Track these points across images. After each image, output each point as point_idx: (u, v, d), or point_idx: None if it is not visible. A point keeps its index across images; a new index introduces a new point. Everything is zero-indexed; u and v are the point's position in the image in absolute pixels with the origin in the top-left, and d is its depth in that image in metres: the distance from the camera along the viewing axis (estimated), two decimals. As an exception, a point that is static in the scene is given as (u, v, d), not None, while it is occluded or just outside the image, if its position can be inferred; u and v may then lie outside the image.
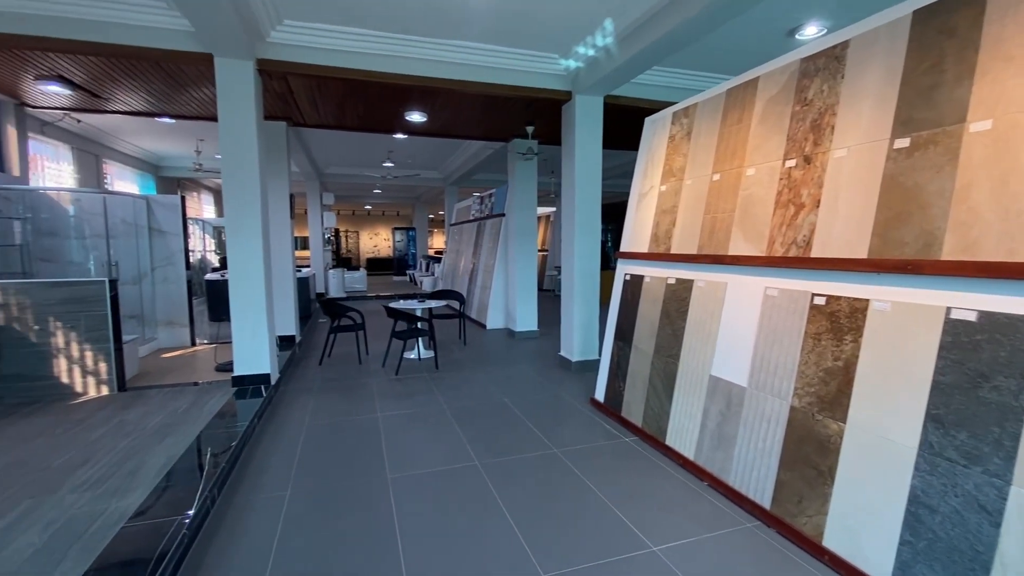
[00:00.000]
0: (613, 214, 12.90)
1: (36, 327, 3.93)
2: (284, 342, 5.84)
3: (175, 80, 4.50)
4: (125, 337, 4.37)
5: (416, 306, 5.64)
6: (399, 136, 7.29)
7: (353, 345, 6.13)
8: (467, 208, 10.33)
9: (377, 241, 22.82)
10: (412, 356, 5.65)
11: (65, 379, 4.01)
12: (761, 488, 2.38)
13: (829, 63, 2.39)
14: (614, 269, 4.01)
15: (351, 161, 10.53)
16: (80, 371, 4.05)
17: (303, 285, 7.83)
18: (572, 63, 4.70)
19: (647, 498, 2.59)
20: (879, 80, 2.13)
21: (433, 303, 5.88)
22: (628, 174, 10.65)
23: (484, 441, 3.32)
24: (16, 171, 5.34)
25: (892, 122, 2.05)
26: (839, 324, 2.14)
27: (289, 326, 6.00)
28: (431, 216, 21.78)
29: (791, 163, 2.49)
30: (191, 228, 6.83)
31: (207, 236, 8.65)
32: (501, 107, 5.33)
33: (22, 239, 5.05)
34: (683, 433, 2.97)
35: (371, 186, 13.53)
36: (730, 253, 2.78)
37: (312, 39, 4.14)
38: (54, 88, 4.62)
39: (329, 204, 12.13)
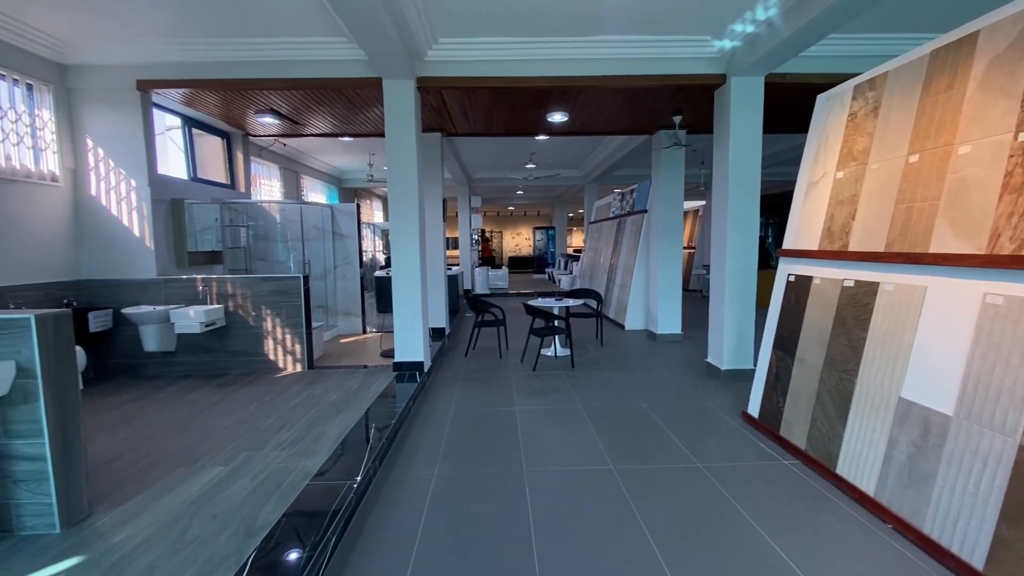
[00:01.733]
0: (774, 207, 11.55)
1: (253, 313, 4.89)
2: (435, 334, 6.39)
3: (353, 104, 5.21)
4: (314, 324, 5.20)
5: (554, 304, 5.72)
6: (541, 138, 7.46)
7: (495, 339, 6.45)
8: (607, 205, 10.15)
9: (519, 240, 23.70)
10: (549, 353, 5.74)
11: (272, 356, 4.93)
12: (971, 543, 1.91)
13: (1095, -1, 1.80)
14: (774, 268, 3.58)
15: (497, 165, 11.08)
16: (282, 351, 4.93)
17: (452, 282, 8.49)
18: (727, 43, 4.30)
19: (810, 533, 2.26)
20: None
21: (571, 302, 5.90)
22: (792, 161, 9.43)
23: (620, 445, 3.23)
24: (243, 188, 6.71)
25: None
26: (1105, 344, 1.61)
27: (440, 319, 6.55)
28: (570, 215, 21.90)
29: (1029, 135, 1.95)
30: (364, 231, 7.86)
31: (376, 238, 9.88)
32: (645, 99, 5.11)
33: (246, 242, 6.32)
34: (860, 463, 2.53)
35: (514, 188, 14.09)
36: (932, 251, 2.28)
37: (462, 53, 4.44)
38: (267, 119, 5.69)
39: (476, 206, 12.94)
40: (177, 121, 5.60)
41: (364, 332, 6.87)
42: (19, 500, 2.15)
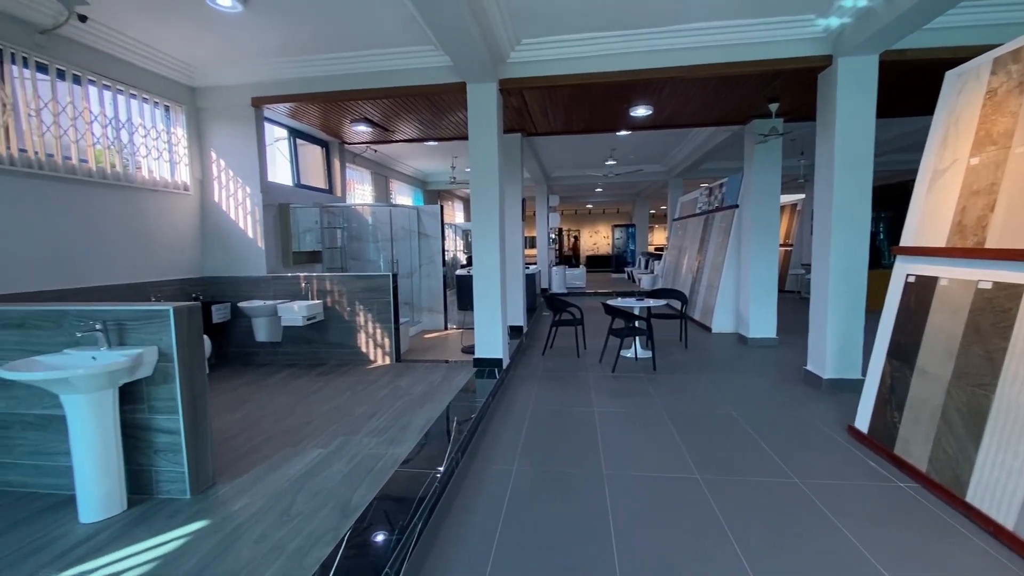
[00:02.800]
0: (888, 199, 10.36)
1: (348, 308, 5.26)
2: (513, 332, 6.47)
3: (438, 109, 5.42)
4: (401, 320, 5.48)
5: (634, 304, 5.57)
6: (623, 133, 7.29)
7: (573, 339, 6.41)
8: (692, 201, 9.69)
9: (597, 239, 23.31)
10: (629, 355, 5.59)
11: (364, 349, 5.27)
12: None
13: None
14: (887, 268, 3.21)
15: (576, 163, 10.99)
16: (373, 344, 5.25)
17: (530, 281, 8.55)
18: (833, 20, 3.92)
19: (932, 566, 2.01)
20: None
21: (652, 302, 5.71)
22: (910, 147, 8.42)
23: (706, 453, 3.07)
24: (339, 192, 7.23)
25: None
26: None
27: (518, 317, 6.62)
28: (652, 212, 21.16)
29: None
30: (446, 231, 8.14)
31: (457, 238, 10.21)
32: (737, 87, 4.80)
33: (341, 243, 6.81)
34: (997, 491, 2.19)
35: (593, 185, 13.88)
36: (1099, 247, 1.92)
37: (543, 52, 4.44)
38: (361, 127, 6.08)
39: (554, 205, 12.92)
40: (284, 133, 6.16)
41: (446, 328, 7.12)
42: (158, 467, 2.49)
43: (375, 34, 4.25)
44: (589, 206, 21.95)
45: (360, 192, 8.82)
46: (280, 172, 6.13)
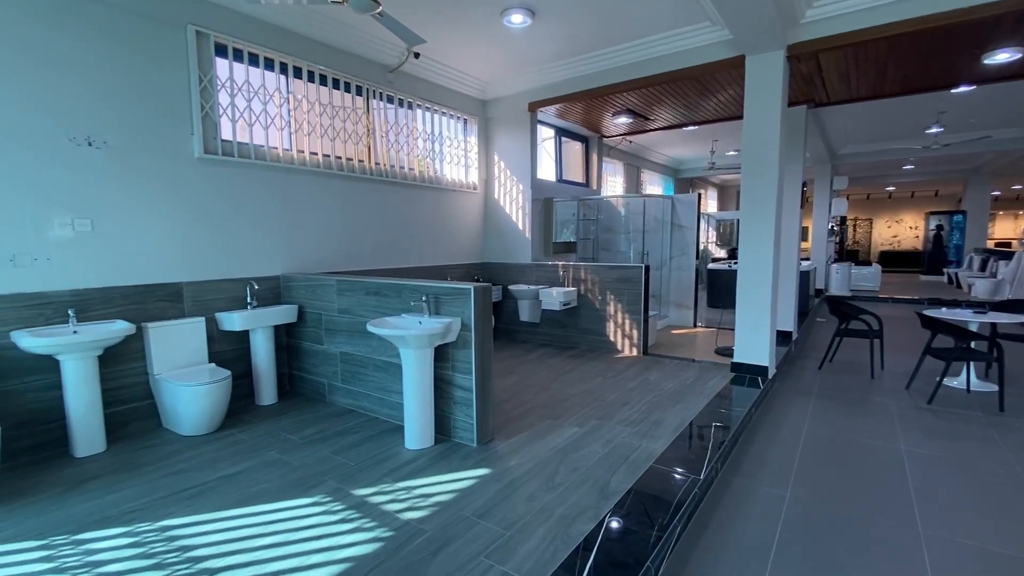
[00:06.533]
0: None
1: (599, 297, 5.44)
2: (781, 337, 5.64)
3: (705, 88, 5.05)
4: (649, 312, 5.38)
5: (969, 318, 4.17)
6: (960, 90, 5.48)
7: (861, 353, 5.22)
8: (1085, 177, 6.66)
9: (898, 230, 18.39)
10: (956, 384, 4.23)
11: (612, 338, 5.38)
12: None
13: None
14: None
15: (876, 135, 8.83)
16: (621, 334, 5.31)
17: (803, 279, 7.30)
18: None
19: None
20: None
21: (1000, 316, 4.17)
22: None
23: (1114, 549, 2.09)
24: (595, 186, 7.52)
25: None
26: None
27: (787, 321, 5.73)
28: (995, 194, 15.47)
29: None
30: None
31: (711, 228, 9.45)
32: None
33: (594, 234, 7.08)
34: None
35: (900, 162, 10.92)
36: None
37: (849, 3, 3.65)
38: (622, 119, 6.15)
39: (839, 189, 10.70)
40: (551, 132, 6.70)
41: (695, 326, 6.71)
42: (456, 417, 3.04)
43: (646, 21, 4.19)
44: (890, 188, 17.41)
45: (612, 184, 8.98)
46: (545, 169, 6.71)
